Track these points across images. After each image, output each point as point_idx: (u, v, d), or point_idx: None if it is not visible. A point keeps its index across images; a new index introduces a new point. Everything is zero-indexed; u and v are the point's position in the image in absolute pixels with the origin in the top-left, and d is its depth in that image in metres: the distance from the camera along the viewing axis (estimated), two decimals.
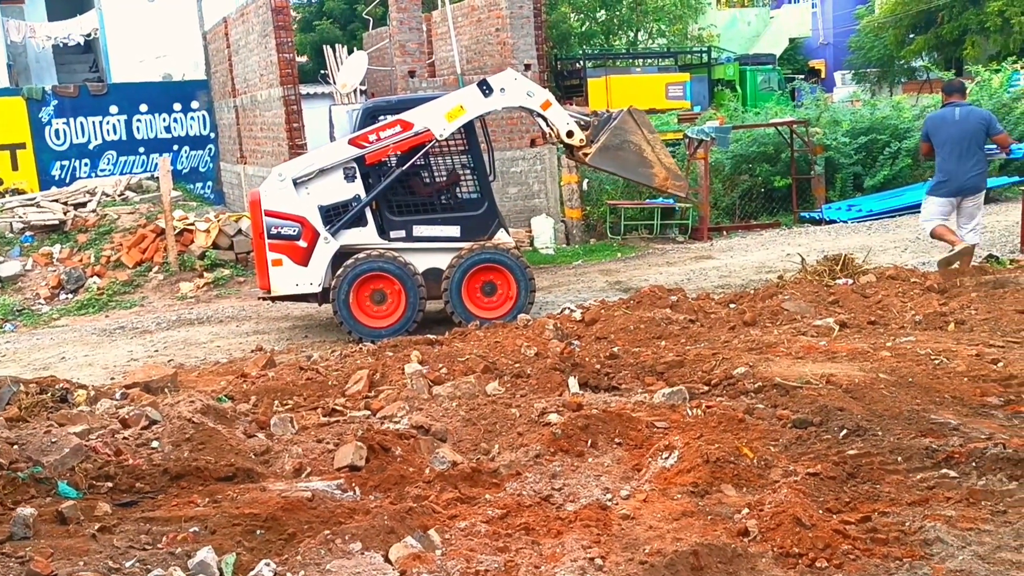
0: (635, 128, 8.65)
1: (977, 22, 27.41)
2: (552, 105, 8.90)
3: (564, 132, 8.82)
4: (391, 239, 8.99)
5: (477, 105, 8.89)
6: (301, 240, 8.81)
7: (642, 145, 8.61)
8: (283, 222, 8.79)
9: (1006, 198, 15.21)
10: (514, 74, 9.03)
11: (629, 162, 8.69)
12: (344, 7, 24.55)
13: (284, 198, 8.79)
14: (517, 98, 8.93)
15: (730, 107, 20.54)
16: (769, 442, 4.40)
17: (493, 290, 8.96)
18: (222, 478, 4.33)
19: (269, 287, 8.98)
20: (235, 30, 16.40)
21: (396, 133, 8.74)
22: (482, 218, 9.10)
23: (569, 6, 24.30)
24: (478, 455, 4.68)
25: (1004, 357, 5.37)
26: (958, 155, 8.04)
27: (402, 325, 8.74)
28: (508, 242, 9.07)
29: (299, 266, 8.86)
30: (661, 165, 8.68)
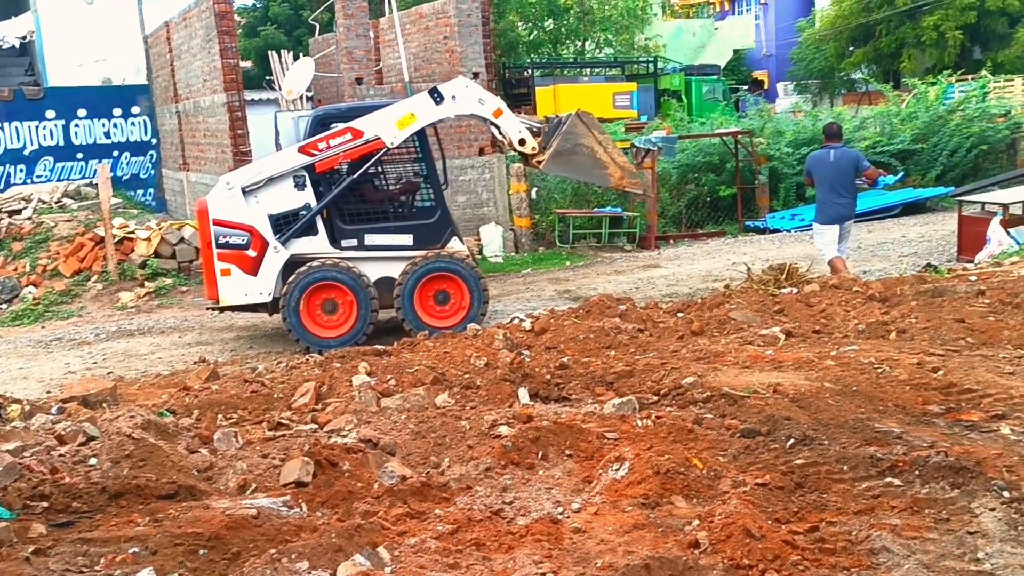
0: (585, 131, 8.65)
1: (913, 36, 28.19)
2: (504, 113, 8.90)
3: (516, 140, 8.83)
4: (343, 248, 8.91)
5: (428, 113, 8.84)
6: (250, 249, 8.69)
7: (594, 147, 8.63)
8: (231, 231, 8.66)
9: (942, 208, 15.63)
10: (465, 82, 9.04)
11: (583, 165, 8.71)
12: (289, 13, 24.30)
13: (232, 207, 8.66)
14: (469, 106, 8.90)
15: (676, 117, 20.80)
16: (718, 452, 4.42)
17: (446, 299, 8.91)
18: (163, 496, 4.21)
19: (217, 297, 8.83)
20: (178, 34, 16.11)
21: (346, 141, 8.67)
22: (435, 226, 9.06)
23: (517, 15, 24.39)
24: (428, 469, 4.62)
25: (944, 365, 5.48)
26: (833, 190, 9.29)
27: (353, 335, 8.65)
28: (461, 251, 9.04)
29: (248, 276, 8.74)
30: (616, 165, 8.70)
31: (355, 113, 9.09)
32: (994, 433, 4.48)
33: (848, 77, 32.81)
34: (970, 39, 27.87)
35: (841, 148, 9.44)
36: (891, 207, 15.47)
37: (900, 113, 17.95)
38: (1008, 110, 18.41)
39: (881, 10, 28.70)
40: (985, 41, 28.27)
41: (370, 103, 10.46)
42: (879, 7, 28.77)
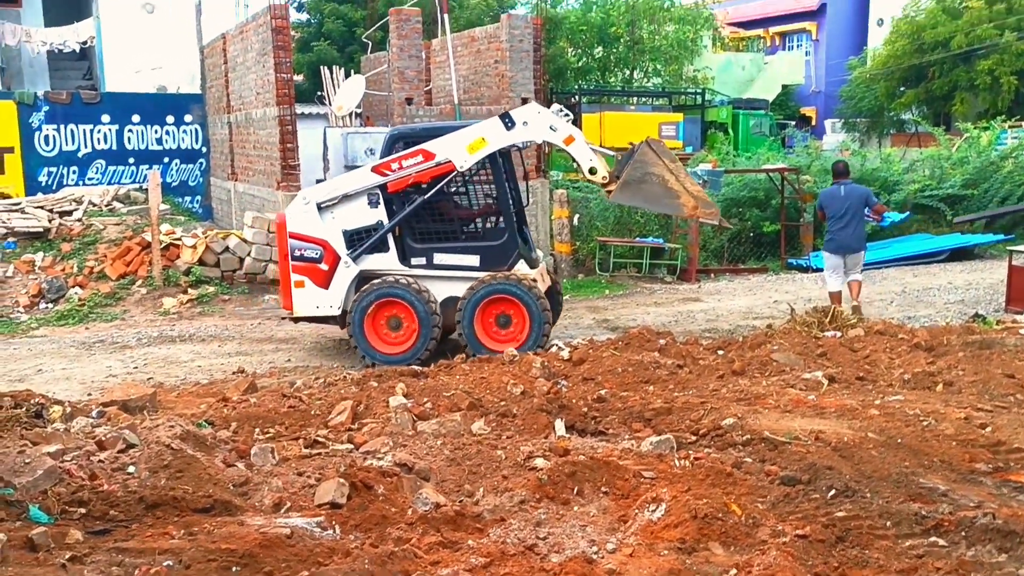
0: (656, 159, 8.47)
1: (967, 79, 27.82)
2: (575, 140, 8.79)
3: (587, 168, 8.76)
4: (412, 266, 9.04)
5: (499, 138, 8.86)
6: (323, 263, 8.96)
7: (665, 176, 8.41)
8: (306, 244, 8.95)
9: (991, 255, 15.35)
10: (537, 107, 8.96)
11: (654, 194, 8.50)
12: (343, 30, 24.61)
13: (308, 221, 8.95)
14: (540, 132, 8.88)
15: (722, 150, 20.71)
16: (757, 498, 4.35)
17: (508, 322, 8.86)
18: (199, 509, 4.23)
19: (292, 308, 9.15)
20: (233, 47, 16.39)
21: (418, 163, 8.81)
22: (502, 248, 9.05)
23: (567, 41, 24.48)
24: (462, 497, 4.60)
25: (992, 422, 5.35)
26: (843, 224, 9.96)
27: (414, 353, 8.72)
28: (527, 273, 8.94)
29: (320, 288, 9.00)
30: (688, 194, 8.43)
31: (428, 133, 9.22)
32: None
33: (898, 117, 32.45)
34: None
35: (850, 184, 10.25)
36: (939, 252, 15.23)
37: (951, 157, 17.72)
38: None
39: (934, 52, 28.39)
40: None
41: (444, 124, 10.51)
42: (932, 49, 28.46)
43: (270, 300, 12.57)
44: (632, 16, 24.91)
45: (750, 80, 35.39)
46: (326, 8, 25.20)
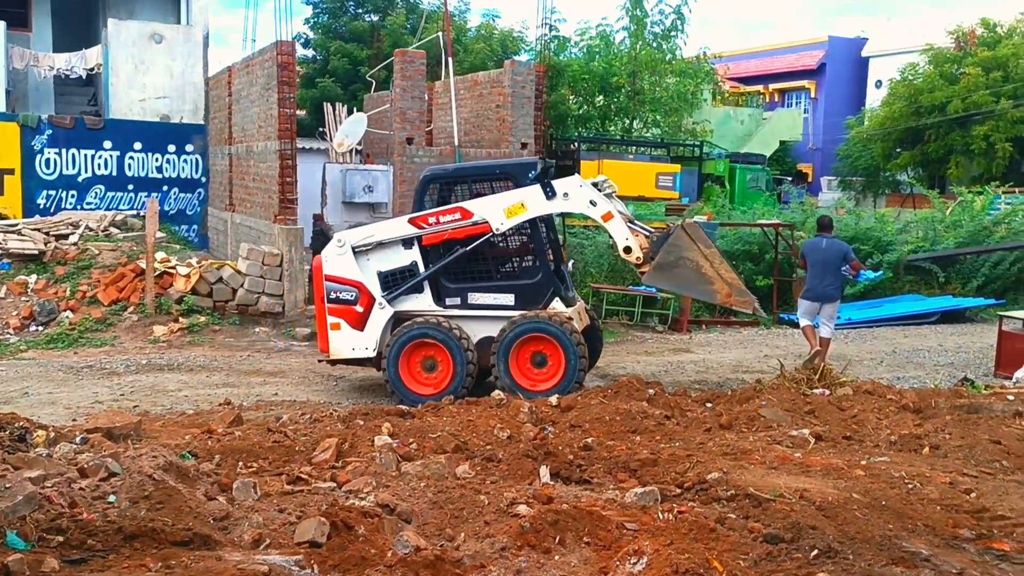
0: (690, 243, 8.38)
1: (963, 143, 28.20)
2: (613, 218, 8.79)
3: (622, 247, 8.76)
4: (447, 306, 9.06)
5: (538, 206, 8.93)
6: (358, 305, 9.00)
7: (699, 261, 8.32)
8: (342, 287, 9.01)
9: (982, 319, 15.43)
10: (579, 180, 9.01)
11: (687, 279, 8.40)
12: (348, 68, 24.89)
13: (343, 264, 9.03)
14: (579, 206, 8.93)
15: (718, 202, 20.88)
16: (739, 555, 4.33)
17: (543, 362, 8.76)
18: (178, 542, 4.19)
19: (328, 350, 9.15)
20: (239, 80, 16.56)
21: (455, 220, 8.91)
22: (536, 286, 9.04)
23: (569, 88, 24.74)
24: (443, 541, 4.57)
25: (977, 488, 5.35)
26: (821, 274, 10.32)
27: (450, 391, 8.60)
28: (562, 312, 8.89)
29: (355, 330, 9.02)
30: (722, 280, 8.31)
31: (461, 174, 9.44)
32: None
33: (893, 178, 32.80)
34: (1019, 151, 27.82)
35: (832, 239, 10.59)
36: (930, 313, 15.31)
37: (944, 220, 17.89)
38: None
39: (931, 116, 28.80)
40: None
41: (476, 164, 10.51)
42: (930, 112, 28.88)
43: (260, 332, 12.55)
44: (634, 67, 25.22)
45: (748, 135, 35.79)
46: (332, 46, 25.52)
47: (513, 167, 9.47)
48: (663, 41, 26.44)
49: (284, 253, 13.37)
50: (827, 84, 40.07)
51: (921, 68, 30.32)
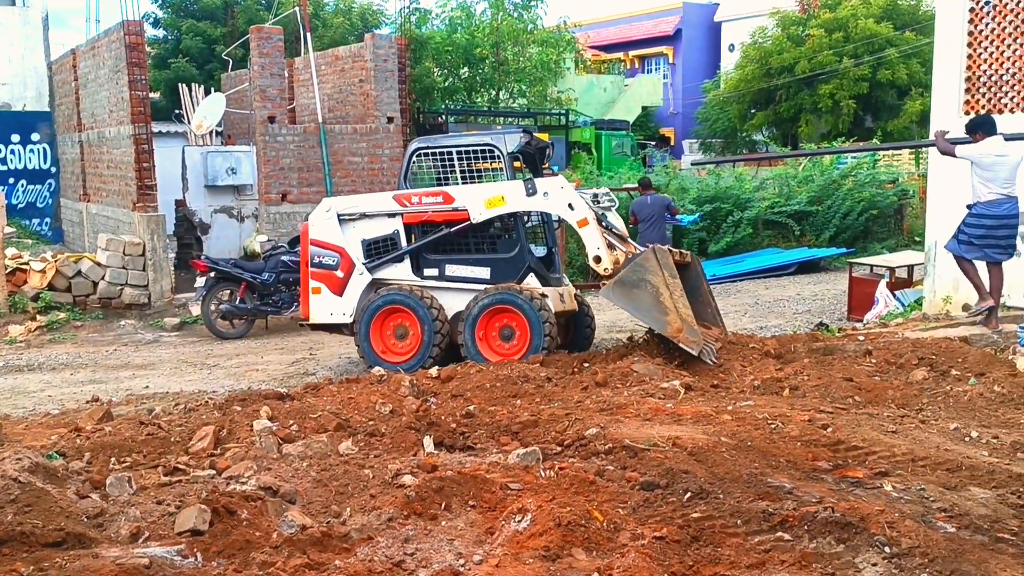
0: (656, 268, 8.15)
1: (811, 103, 29.61)
2: (588, 224, 8.66)
3: (592, 256, 8.64)
4: (425, 276, 9.18)
5: (518, 201, 8.92)
6: (339, 270, 9.19)
7: (660, 288, 8.04)
8: (324, 251, 9.23)
9: (835, 268, 16.36)
10: (562, 182, 8.95)
11: (643, 303, 8.14)
12: (202, 47, 24.00)
13: (328, 229, 9.24)
14: (557, 207, 8.86)
15: (586, 169, 21.28)
16: (618, 504, 4.51)
17: (511, 335, 8.77)
18: (50, 544, 4.04)
19: (308, 314, 9.37)
20: (85, 63, 15.73)
21: (437, 203, 9.04)
22: (512, 261, 9.09)
23: (433, 61, 24.63)
24: (329, 518, 4.56)
25: (833, 423, 5.73)
26: (654, 225, 12.22)
27: (417, 361, 8.71)
28: (535, 288, 8.88)
29: (335, 295, 9.21)
30: (676, 314, 7.93)
31: (447, 145, 9.52)
32: (877, 490, 4.71)
33: (749, 138, 34.19)
34: (862, 108, 29.45)
35: (654, 194, 12.83)
36: (788, 265, 16.13)
37: (797, 176, 18.81)
38: (896, 177, 19.51)
39: (781, 77, 30.10)
40: (876, 111, 29.92)
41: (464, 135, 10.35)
42: (779, 74, 30.17)
43: (126, 325, 12.09)
44: (496, 38, 25.32)
45: (611, 101, 36.52)
46: (184, 25, 24.53)
47: (496, 138, 9.38)
48: (524, 11, 26.63)
49: (146, 242, 12.88)
50: (684, 49, 41.25)
51: (770, 31, 31.60)
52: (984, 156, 7.96)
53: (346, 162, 14.78)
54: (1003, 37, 9.58)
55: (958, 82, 9.88)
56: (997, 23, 9.61)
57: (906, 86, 28.65)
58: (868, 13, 29.36)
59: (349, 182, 14.74)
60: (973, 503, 4.51)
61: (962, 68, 9.86)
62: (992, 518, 4.32)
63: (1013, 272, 9.36)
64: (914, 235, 17.34)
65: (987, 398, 6.48)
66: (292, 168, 14.33)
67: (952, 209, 9.99)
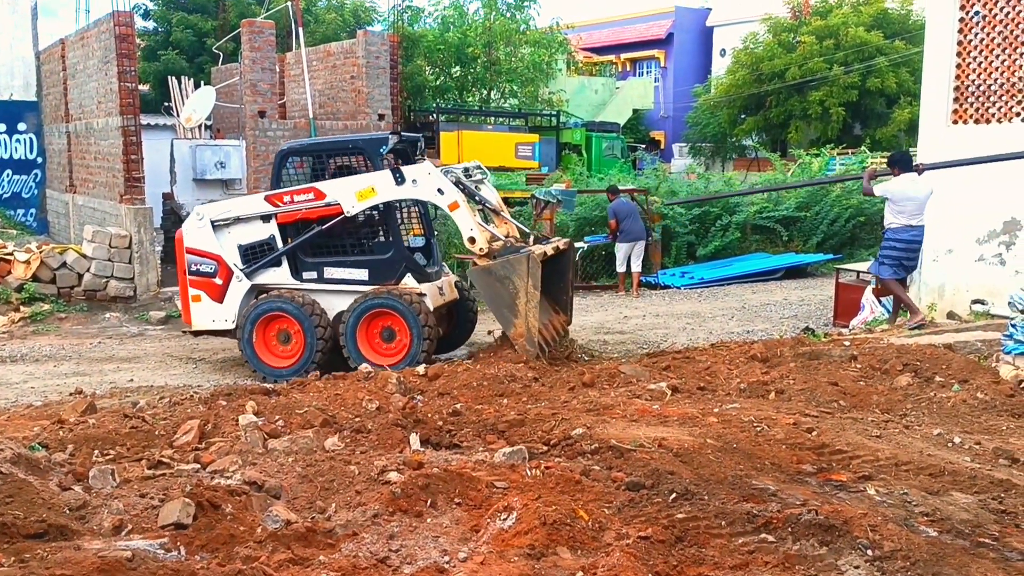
0: (523, 273, 8.36)
1: (801, 109, 29.75)
2: (459, 207, 8.77)
3: (466, 237, 8.71)
4: (304, 280, 9.17)
5: (388, 191, 8.94)
6: (217, 278, 9.19)
7: (520, 293, 8.32)
8: (201, 259, 9.19)
9: (821, 273, 16.43)
10: (429, 168, 8.98)
11: (500, 298, 8.41)
12: (193, 39, 23.87)
13: (202, 236, 9.20)
14: (426, 193, 8.91)
15: (576, 170, 21.30)
16: (604, 504, 4.51)
17: (392, 336, 8.86)
18: (31, 535, 4.00)
19: (190, 322, 9.36)
20: (73, 53, 15.63)
21: (309, 200, 8.99)
22: (389, 262, 9.12)
23: (425, 59, 24.61)
24: (314, 514, 4.55)
25: (818, 426, 5.75)
26: (633, 222, 14.47)
27: (301, 366, 8.79)
28: (413, 288, 8.95)
29: (215, 302, 9.21)
30: (524, 321, 8.30)
31: (317, 148, 9.54)
32: (861, 493, 4.73)
33: (739, 143, 34.32)
34: (852, 116, 29.60)
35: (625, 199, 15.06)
36: (775, 270, 16.19)
37: (786, 181, 18.88)
38: None
39: (772, 83, 30.23)
40: (865, 118, 30.08)
41: (332, 139, 10.57)
42: (770, 80, 30.30)
43: (111, 318, 12.02)
44: (489, 38, 25.31)
45: (602, 104, 36.56)
46: (174, 17, 24.40)
47: (366, 142, 9.54)
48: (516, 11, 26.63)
49: (132, 235, 12.81)
50: (675, 53, 41.37)
51: (761, 37, 31.73)
52: (896, 193, 8.98)
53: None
54: (992, 47, 9.65)
55: (947, 91, 9.95)
56: (986, 33, 9.68)
57: (895, 94, 28.82)
58: (859, 21, 29.52)
59: None
60: (955, 508, 4.54)
61: (951, 77, 9.93)
62: (973, 523, 4.35)
63: (997, 281, 9.43)
64: None
65: (970, 404, 6.53)
66: None
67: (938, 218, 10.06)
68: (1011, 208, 9.46)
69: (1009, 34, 9.51)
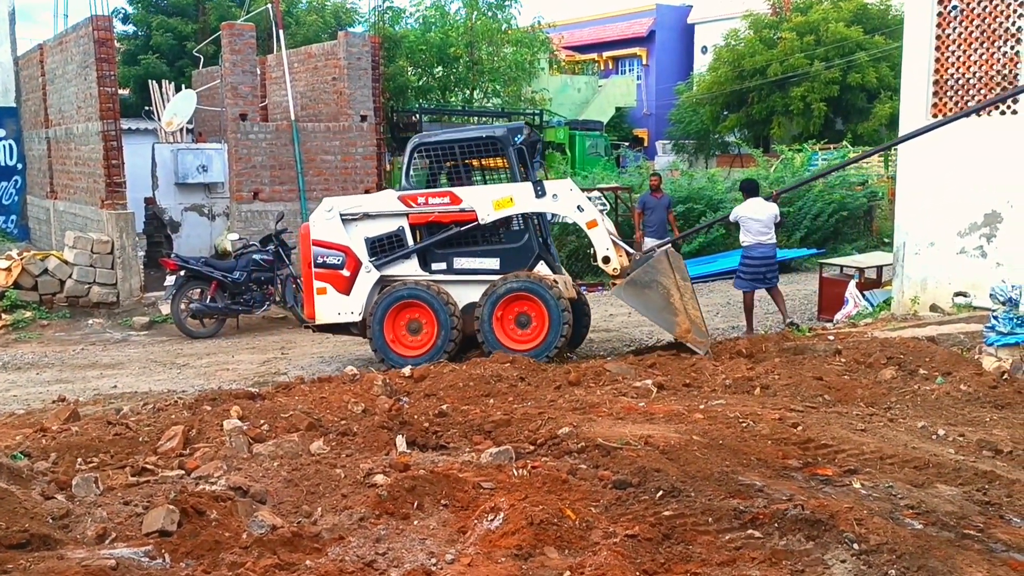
0: (668, 271, 8.45)
1: (782, 105, 29.85)
2: (598, 226, 8.83)
3: (601, 256, 8.81)
4: (432, 271, 9.11)
5: (527, 203, 8.93)
6: (344, 269, 9.06)
7: (671, 290, 8.40)
8: (328, 251, 9.07)
9: (805, 268, 16.48)
10: (571, 185, 9.01)
11: (654, 304, 8.46)
12: (173, 43, 23.72)
13: (330, 228, 9.08)
14: (566, 208, 8.93)
15: (560, 169, 21.29)
16: (591, 503, 4.51)
17: (527, 322, 8.79)
18: (14, 545, 3.97)
19: (314, 315, 9.17)
20: (52, 58, 15.52)
21: (444, 203, 8.95)
22: (522, 250, 9.08)
23: (407, 60, 24.55)
24: (300, 518, 4.53)
25: (803, 421, 5.77)
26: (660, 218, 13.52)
27: (433, 354, 8.74)
28: (547, 274, 8.91)
29: (342, 295, 9.07)
30: (686, 315, 8.35)
31: (448, 141, 9.34)
32: (846, 487, 4.75)
33: (722, 139, 34.39)
34: (833, 111, 29.73)
35: None
36: None
37: (768, 177, 18.93)
38: (865, 179, 19.70)
39: (754, 79, 30.32)
40: (846, 114, 30.20)
41: (465, 130, 10.46)
42: (752, 76, 30.39)
43: (94, 324, 11.94)
44: (471, 37, 25.29)
45: (585, 102, 36.59)
46: (154, 21, 24.23)
47: (500, 134, 9.27)
48: (498, 11, 26.61)
49: (115, 240, 12.72)
50: (657, 51, 41.44)
51: (742, 34, 31.81)
52: (743, 215, 10.31)
53: (319, 160, 14.69)
54: (970, 41, 9.71)
55: (926, 85, 10.00)
56: (964, 27, 9.74)
57: (876, 89, 28.95)
58: (839, 17, 29.64)
59: (322, 180, 14.65)
60: (940, 500, 4.57)
61: (930, 72, 9.98)
62: (958, 515, 4.38)
63: (979, 275, 9.49)
64: (883, 236, 17.52)
65: (954, 397, 6.57)
66: (264, 166, 14.21)
67: (920, 211, 10.12)
68: (991, 201, 9.52)
69: (987, 27, 9.57)
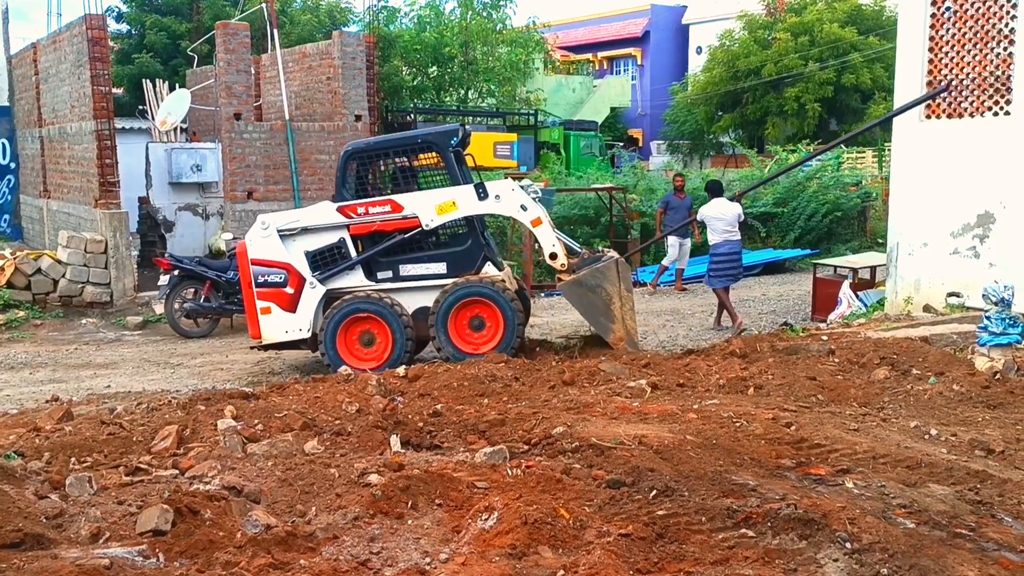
0: (614, 279, 8.62)
1: (777, 105, 29.92)
2: (542, 223, 8.93)
3: (548, 253, 8.93)
4: (379, 280, 9.02)
5: (470, 205, 8.93)
6: (288, 287, 8.86)
7: (614, 298, 8.58)
8: (269, 269, 8.85)
9: (799, 269, 16.53)
10: (512, 185, 9.05)
11: (594, 308, 8.67)
12: (167, 42, 23.69)
13: (269, 246, 8.88)
14: (509, 208, 9.00)
15: (554, 169, 21.32)
16: (585, 502, 4.52)
17: (481, 325, 8.84)
18: (7, 545, 3.96)
19: (260, 335, 8.97)
20: (46, 57, 15.48)
21: (386, 212, 8.87)
22: (468, 252, 9.08)
23: (402, 60, 24.54)
24: (294, 518, 4.53)
25: (796, 421, 5.79)
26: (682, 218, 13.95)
27: (391, 364, 8.62)
28: (496, 275, 8.96)
29: (287, 312, 8.89)
30: (623, 324, 8.58)
31: (382, 146, 9.33)
32: (839, 487, 4.76)
33: (717, 140, 34.46)
34: (827, 111, 29.80)
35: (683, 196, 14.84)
36: (753, 266, 16.25)
37: (763, 177, 18.96)
38: (859, 180, 19.76)
39: (748, 80, 30.38)
40: (840, 114, 30.29)
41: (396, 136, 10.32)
42: (746, 77, 30.45)
43: (88, 324, 11.92)
44: (465, 37, 25.29)
45: (580, 102, 36.62)
46: (148, 20, 24.20)
47: (435, 136, 9.32)
48: (493, 11, 26.61)
49: (108, 239, 12.70)
50: (652, 51, 41.51)
51: (737, 34, 31.88)
52: (708, 215, 11.05)
53: (313, 160, 14.69)
54: (963, 42, 9.74)
55: (920, 86, 10.03)
56: (958, 28, 9.77)
57: (870, 90, 29.03)
58: (833, 18, 29.72)
59: (316, 180, 14.65)
60: (932, 499, 4.58)
61: (924, 73, 10.01)
62: (950, 514, 4.39)
63: (971, 274, 9.53)
64: (877, 237, 17.58)
65: (946, 397, 6.59)
66: (258, 165, 14.20)
67: (913, 212, 10.15)
68: (984, 201, 9.56)
69: (980, 28, 9.61)
